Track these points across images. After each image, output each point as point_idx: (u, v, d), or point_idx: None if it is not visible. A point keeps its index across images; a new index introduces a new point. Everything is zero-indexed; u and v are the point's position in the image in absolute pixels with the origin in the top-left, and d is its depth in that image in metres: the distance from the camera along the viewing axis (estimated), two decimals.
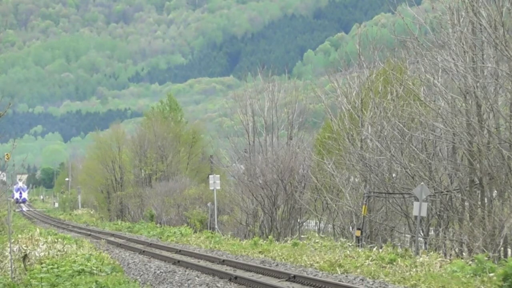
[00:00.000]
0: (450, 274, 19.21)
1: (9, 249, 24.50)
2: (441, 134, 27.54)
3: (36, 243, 30.99)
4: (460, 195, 26.91)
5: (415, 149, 28.99)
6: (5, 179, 49.88)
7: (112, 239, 42.31)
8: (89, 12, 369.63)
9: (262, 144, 45.84)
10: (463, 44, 25.33)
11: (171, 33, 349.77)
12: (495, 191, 25.35)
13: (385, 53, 34.17)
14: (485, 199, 25.46)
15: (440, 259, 22.46)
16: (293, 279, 20.13)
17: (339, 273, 21.27)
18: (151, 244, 36.60)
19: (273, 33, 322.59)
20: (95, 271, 22.44)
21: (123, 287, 19.07)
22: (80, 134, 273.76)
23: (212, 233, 39.90)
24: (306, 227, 43.68)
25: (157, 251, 32.14)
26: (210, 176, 48.33)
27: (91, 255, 26.53)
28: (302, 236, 36.86)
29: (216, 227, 46.74)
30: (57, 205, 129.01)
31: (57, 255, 27.15)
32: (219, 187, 46.85)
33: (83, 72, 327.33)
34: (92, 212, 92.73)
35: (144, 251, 32.55)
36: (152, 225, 53.25)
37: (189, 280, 21.09)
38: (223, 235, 39.84)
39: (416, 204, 25.88)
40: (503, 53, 23.63)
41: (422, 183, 26.07)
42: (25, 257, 26.13)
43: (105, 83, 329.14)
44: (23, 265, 25.09)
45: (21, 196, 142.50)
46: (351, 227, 33.47)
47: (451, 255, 26.29)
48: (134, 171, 76.22)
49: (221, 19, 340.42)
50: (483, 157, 24.80)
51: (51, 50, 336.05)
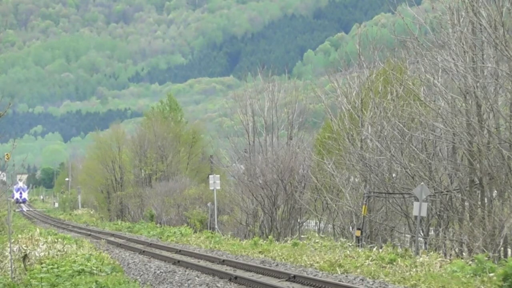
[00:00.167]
0: (450, 274, 19.21)
1: (9, 249, 24.50)
2: (441, 134, 27.54)
3: (36, 243, 30.97)
4: (460, 195, 26.91)
5: (415, 149, 28.98)
6: (5, 179, 49.90)
7: (112, 239, 42.30)
8: (89, 12, 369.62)
9: (262, 144, 45.82)
10: (463, 44, 25.33)
11: (171, 33, 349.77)
12: (495, 191, 25.35)
13: (385, 53, 34.16)
14: (485, 199, 25.45)
15: (440, 259, 22.46)
16: (293, 279, 20.12)
17: (339, 273, 21.28)
18: (151, 244, 36.60)
19: (273, 33, 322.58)
20: (95, 271, 22.43)
21: (123, 287, 19.07)
22: (80, 134, 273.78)
23: (212, 233, 39.90)
24: (306, 227, 43.67)
25: (157, 251, 32.13)
26: (210, 176, 48.32)
27: (91, 255, 26.52)
28: (302, 236, 36.85)
29: (216, 227, 46.73)
30: (57, 205, 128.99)
31: (57, 255, 27.14)
32: (219, 187, 46.85)
33: (83, 72, 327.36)
34: (92, 212, 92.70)
35: (144, 251, 32.55)
36: (152, 225, 53.25)
37: (189, 280, 21.09)
38: (223, 235, 39.83)
39: (416, 204, 25.88)
40: (503, 53, 23.63)
41: (422, 183, 26.07)
42: (25, 257, 26.12)
43: (105, 83, 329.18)
44: (23, 265, 25.08)
45: (21, 196, 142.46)
46: (351, 227, 33.46)
47: (451, 255, 26.29)
48: (134, 171, 76.23)
49: (221, 19, 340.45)
50: (483, 157, 24.80)
51: (51, 50, 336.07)
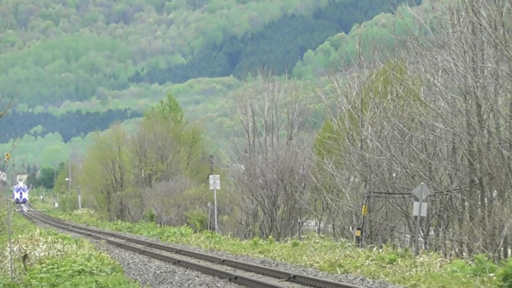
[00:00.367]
0: (450, 274, 19.21)
1: (9, 249, 24.50)
2: (441, 134, 27.53)
3: (36, 243, 30.94)
4: (460, 195, 26.91)
5: (415, 149, 28.98)
6: (5, 179, 49.90)
7: (112, 239, 42.30)
8: (89, 12, 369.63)
9: (262, 144, 45.81)
10: (463, 44, 25.33)
11: (171, 33, 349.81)
12: (495, 191, 25.35)
13: (385, 53, 34.14)
14: (485, 199, 25.45)
15: (440, 259, 22.46)
16: (293, 279, 20.12)
17: (339, 273, 21.28)
18: (151, 244, 36.59)
19: (273, 33, 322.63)
20: (95, 271, 22.41)
21: (123, 287, 19.07)
22: (80, 134, 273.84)
23: (212, 233, 39.90)
24: (306, 227, 43.68)
25: (157, 251, 32.13)
26: (210, 176, 48.32)
27: (91, 255, 26.50)
28: (302, 236, 36.84)
29: (216, 227, 46.73)
30: (57, 205, 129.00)
31: (57, 255, 27.12)
32: (219, 187, 46.84)
33: (83, 72, 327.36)
34: (92, 212, 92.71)
35: (144, 251, 32.54)
36: (152, 225, 53.25)
37: (189, 280, 21.09)
38: (223, 235, 39.82)
39: (416, 204, 25.88)
40: (503, 53, 23.63)
41: (422, 183, 26.07)
42: (25, 257, 26.12)
43: (105, 83, 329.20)
44: (23, 265, 25.08)
45: (21, 196, 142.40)
46: (351, 227, 33.46)
47: (451, 255, 26.29)
48: (134, 171, 76.24)
49: (221, 19, 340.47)
50: (483, 157, 24.80)
51: (51, 50, 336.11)
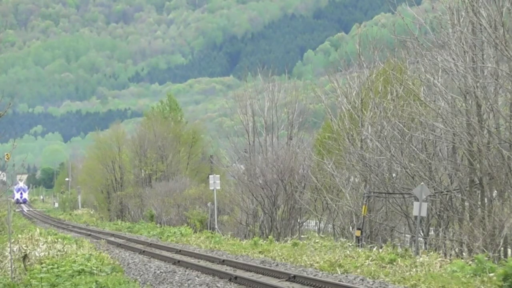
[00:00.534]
0: (450, 274, 19.21)
1: (9, 249, 24.50)
2: (441, 134, 27.53)
3: (36, 243, 30.94)
4: (460, 195, 26.90)
5: (415, 149, 28.97)
6: (5, 179, 49.92)
7: (112, 239, 42.29)
8: (89, 12, 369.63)
9: (262, 144, 45.81)
10: (463, 44, 25.32)
11: (171, 33, 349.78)
12: (495, 191, 25.34)
13: (385, 53, 34.12)
14: (485, 199, 25.45)
15: (440, 259, 22.46)
16: (293, 279, 20.12)
17: (339, 273, 21.28)
18: (151, 244, 36.59)
19: (273, 33, 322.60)
20: (95, 271, 22.40)
21: (123, 287, 19.06)
22: (80, 134, 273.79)
23: (212, 233, 39.90)
24: (306, 227, 43.68)
25: (157, 251, 32.13)
26: (210, 176, 48.30)
27: (91, 255, 26.50)
28: (302, 236, 36.83)
29: (216, 227, 46.73)
30: (57, 205, 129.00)
31: (57, 255, 27.11)
32: (219, 187, 46.83)
33: (83, 72, 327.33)
34: (92, 212, 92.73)
35: (144, 251, 32.54)
36: (152, 225, 53.26)
37: (189, 280, 21.08)
38: (223, 235, 39.82)
39: (416, 204, 25.88)
40: (503, 53, 23.62)
41: (422, 183, 26.06)
42: (25, 257, 26.10)
43: (105, 83, 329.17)
44: (23, 265, 25.07)
45: (21, 196, 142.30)
46: (351, 227, 33.45)
47: (451, 255, 26.28)
48: (134, 171, 76.25)
49: (221, 19, 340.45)
50: (483, 157, 24.79)
51: (51, 50, 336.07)
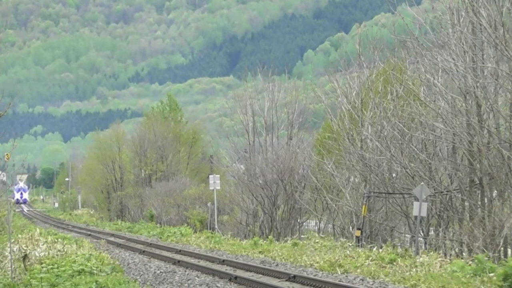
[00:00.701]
0: (450, 274, 19.21)
1: (9, 249, 24.50)
2: (441, 134, 27.53)
3: (36, 243, 30.94)
4: (460, 195, 26.90)
5: (415, 149, 28.97)
6: (5, 179, 49.93)
7: (112, 239, 42.29)
8: (89, 12, 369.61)
9: (262, 144, 45.81)
10: (463, 44, 25.32)
11: (171, 33, 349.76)
12: (495, 191, 25.34)
13: (385, 53, 34.12)
14: (485, 199, 25.45)
15: (440, 259, 22.46)
16: (293, 279, 20.12)
17: (339, 273, 21.27)
18: (151, 244, 36.59)
19: (273, 33, 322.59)
20: (95, 271, 22.41)
21: (123, 287, 19.06)
22: (80, 134, 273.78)
23: (212, 233, 39.90)
24: (306, 227, 43.67)
25: (157, 251, 32.13)
26: (210, 176, 48.30)
27: (91, 255, 26.50)
28: (302, 236, 36.83)
29: (216, 227, 46.73)
30: (57, 205, 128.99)
31: (57, 255, 27.11)
32: (219, 187, 46.83)
33: (83, 72, 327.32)
34: (92, 212, 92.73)
35: (144, 251, 32.54)
36: (152, 225, 53.25)
37: (189, 280, 21.08)
38: (223, 235, 39.82)
39: (416, 204, 25.88)
40: (503, 53, 23.63)
41: (422, 183, 26.06)
42: (25, 257, 26.10)
43: (105, 83, 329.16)
44: (23, 265, 25.07)
45: (21, 196, 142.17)
46: (351, 227, 33.45)
47: (451, 255, 26.28)
48: (134, 171, 76.25)
49: (221, 19, 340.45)
50: (483, 157, 24.79)
51: (51, 50, 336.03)
